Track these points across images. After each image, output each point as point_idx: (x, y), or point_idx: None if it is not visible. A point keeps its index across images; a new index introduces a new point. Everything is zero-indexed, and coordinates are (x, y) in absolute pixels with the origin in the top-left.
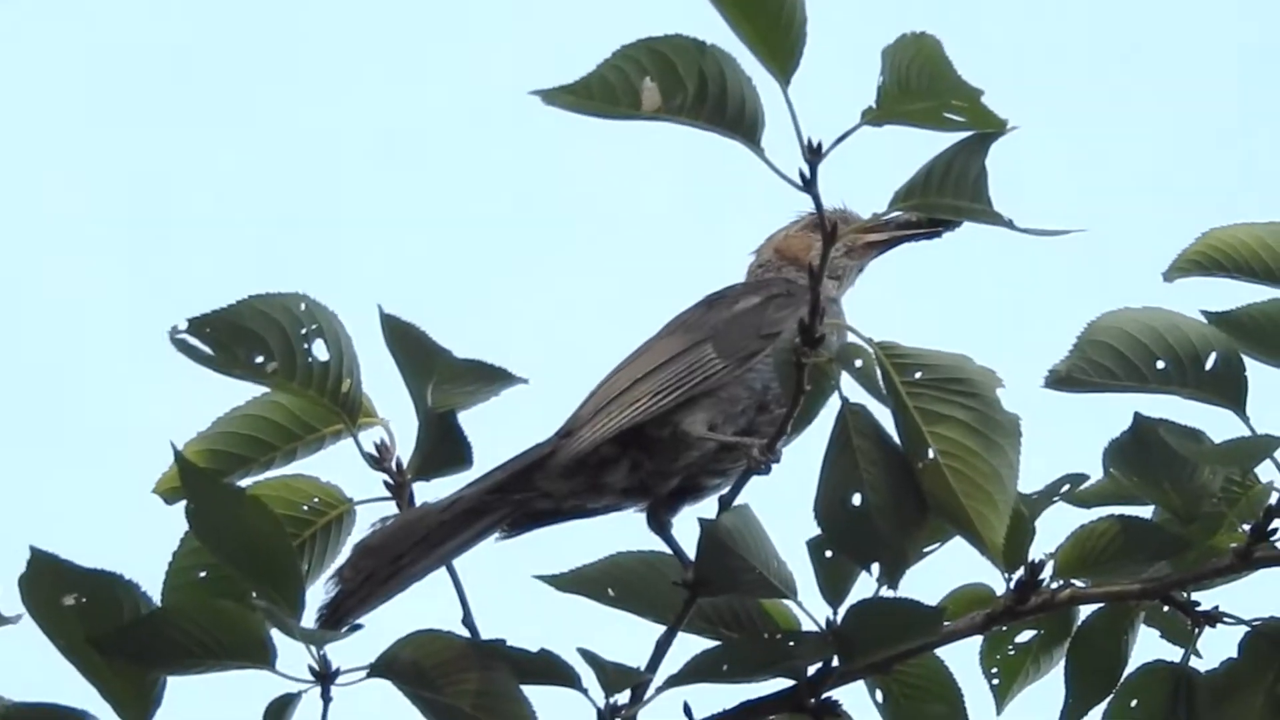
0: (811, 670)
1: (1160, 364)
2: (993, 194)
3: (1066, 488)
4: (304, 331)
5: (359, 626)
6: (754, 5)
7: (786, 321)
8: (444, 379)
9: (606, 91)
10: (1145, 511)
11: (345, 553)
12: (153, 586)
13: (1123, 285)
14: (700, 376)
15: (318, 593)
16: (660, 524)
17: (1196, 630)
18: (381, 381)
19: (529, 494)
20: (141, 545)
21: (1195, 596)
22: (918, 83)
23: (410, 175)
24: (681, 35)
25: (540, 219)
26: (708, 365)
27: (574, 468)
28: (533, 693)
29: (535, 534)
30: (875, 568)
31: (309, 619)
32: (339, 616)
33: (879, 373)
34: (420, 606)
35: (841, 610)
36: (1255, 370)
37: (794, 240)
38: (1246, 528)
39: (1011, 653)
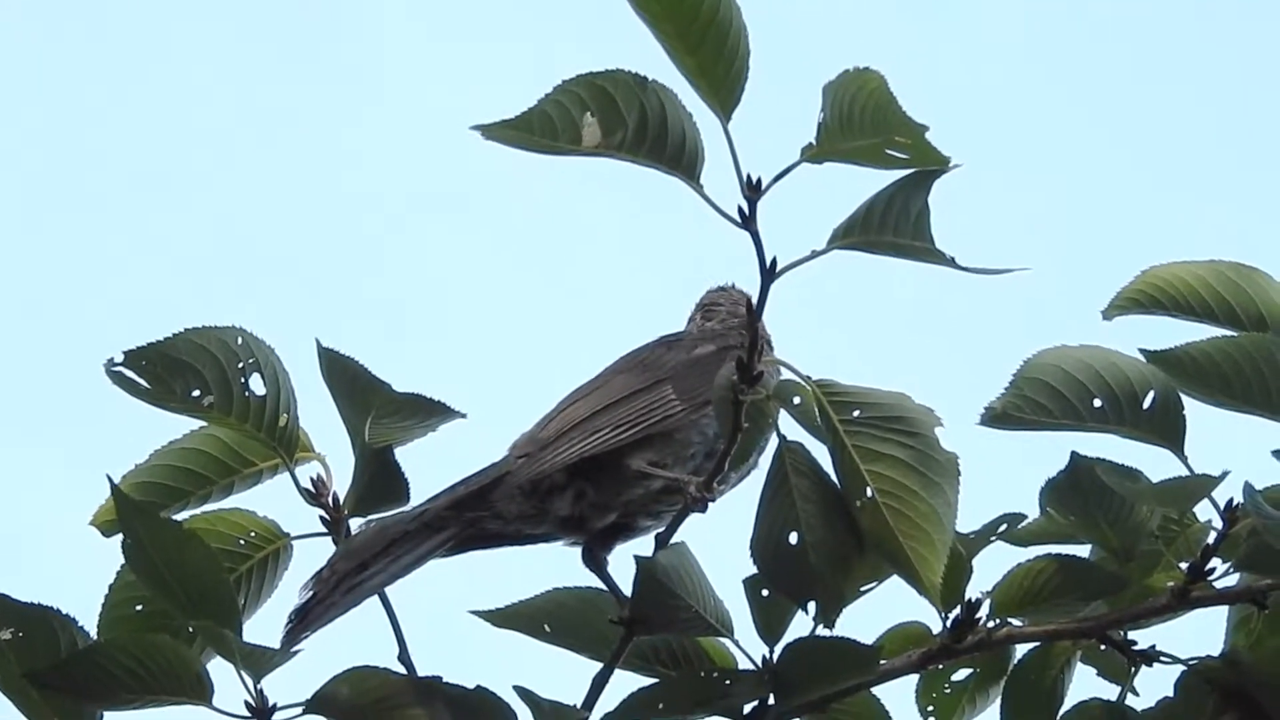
0: (748, 709)
1: (1097, 402)
2: (934, 231)
3: (1004, 528)
4: (241, 365)
5: (298, 650)
6: (697, 38)
7: None
8: (382, 413)
9: (547, 127)
10: (1082, 551)
11: (283, 586)
12: (89, 621)
13: (1061, 323)
14: (660, 415)
15: (254, 627)
16: (596, 561)
17: (1133, 669)
18: (319, 416)
19: (483, 513)
20: (78, 579)
21: (1132, 635)
22: (860, 119)
23: (341, 203)
24: (622, 70)
25: (474, 248)
26: (667, 405)
27: (529, 490)
28: None
29: (472, 570)
30: (811, 606)
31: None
32: (306, 624)
33: (817, 411)
34: (356, 642)
35: (778, 649)
36: (1193, 409)
37: None
38: (1184, 566)
39: (948, 691)
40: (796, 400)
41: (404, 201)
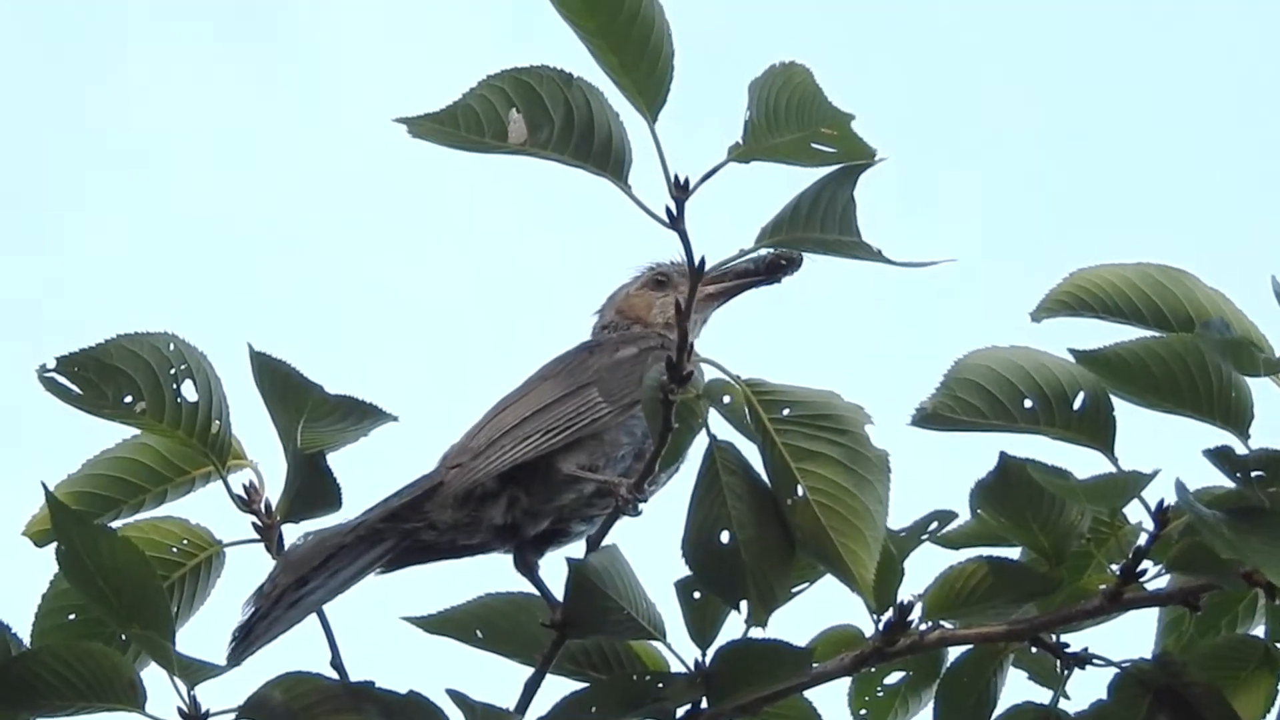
0: (680, 712)
1: (1028, 403)
2: (861, 226)
3: (934, 525)
4: (173, 371)
5: (236, 663)
6: (619, 36)
7: None
8: (314, 415)
9: (472, 122)
10: (1014, 553)
11: (216, 593)
12: (23, 628)
13: (991, 325)
14: (588, 419)
15: (187, 634)
16: (527, 565)
17: (1065, 672)
18: (251, 423)
19: (418, 524)
20: (11, 587)
21: (1065, 638)
22: (786, 113)
23: (274, 206)
24: (547, 66)
25: (404, 251)
26: (595, 408)
27: (462, 498)
28: None
29: (405, 577)
30: (744, 606)
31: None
32: (251, 640)
33: (747, 410)
34: (289, 648)
35: (710, 651)
36: (1123, 410)
37: (635, 299)
38: (1115, 568)
39: (880, 694)
40: (726, 399)
41: (336, 204)
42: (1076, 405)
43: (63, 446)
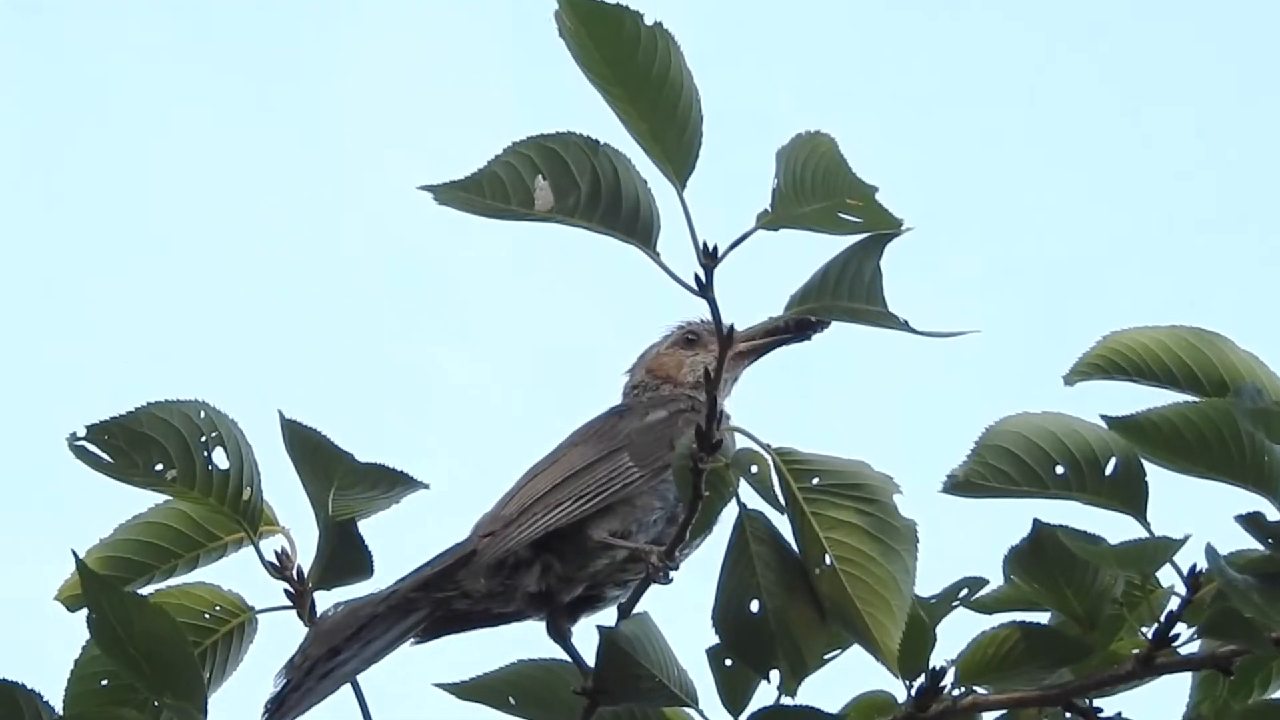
0: None
1: (1059, 469)
2: (888, 295)
3: (965, 591)
4: (204, 439)
5: None
6: (648, 104)
7: None
8: (344, 483)
9: (497, 189)
10: (1047, 617)
11: (248, 660)
12: (55, 695)
13: (1022, 389)
14: (620, 484)
15: (220, 701)
16: (560, 632)
17: None
18: (283, 489)
19: (451, 593)
20: (43, 653)
21: (1098, 703)
22: (812, 183)
23: (299, 270)
24: (573, 133)
25: (435, 319)
26: (626, 473)
27: (495, 567)
28: None
29: (437, 642)
30: (775, 675)
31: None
32: (283, 713)
33: (776, 478)
34: (322, 717)
35: (743, 718)
36: (1156, 475)
37: (665, 359)
38: (1148, 633)
39: None
40: (755, 468)
41: (359, 271)
42: (1109, 470)
43: (96, 510)
